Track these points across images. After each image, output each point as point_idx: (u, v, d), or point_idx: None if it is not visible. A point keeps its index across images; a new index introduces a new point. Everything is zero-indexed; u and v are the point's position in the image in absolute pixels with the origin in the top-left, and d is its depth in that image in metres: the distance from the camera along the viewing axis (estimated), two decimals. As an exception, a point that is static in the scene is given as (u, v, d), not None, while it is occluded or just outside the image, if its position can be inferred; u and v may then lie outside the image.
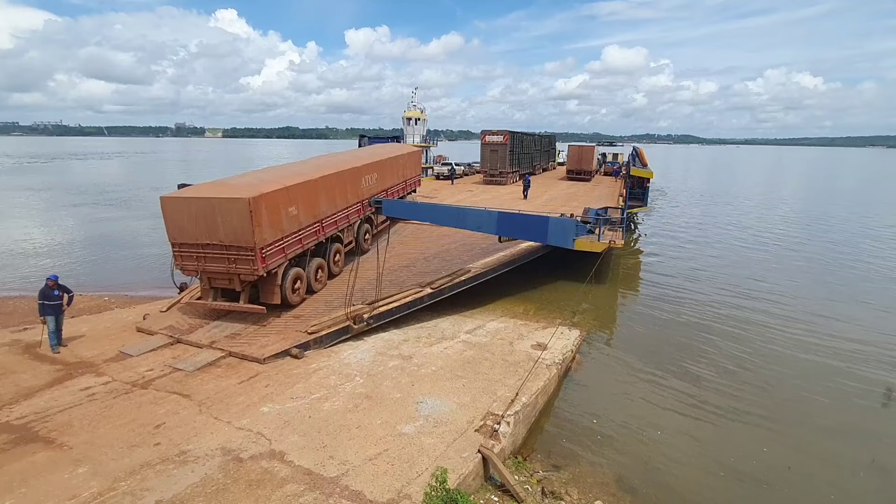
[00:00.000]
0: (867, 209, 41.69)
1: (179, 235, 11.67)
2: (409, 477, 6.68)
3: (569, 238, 15.43)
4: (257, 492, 6.29)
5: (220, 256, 11.49)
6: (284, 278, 12.32)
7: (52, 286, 10.53)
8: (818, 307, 16.17)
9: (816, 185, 68.52)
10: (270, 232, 11.58)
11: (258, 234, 11.10)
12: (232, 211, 10.98)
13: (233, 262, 11.45)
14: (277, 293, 12.19)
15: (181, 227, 11.56)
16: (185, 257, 11.83)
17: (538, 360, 10.61)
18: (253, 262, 11.28)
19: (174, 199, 11.67)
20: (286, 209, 12.19)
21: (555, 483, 7.57)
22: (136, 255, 22.69)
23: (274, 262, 11.82)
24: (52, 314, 10.55)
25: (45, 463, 6.87)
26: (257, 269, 11.34)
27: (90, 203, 38.58)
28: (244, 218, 10.91)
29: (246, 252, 11.25)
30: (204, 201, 11.26)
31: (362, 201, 16.51)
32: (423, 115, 43.19)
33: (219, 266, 11.60)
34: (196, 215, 11.29)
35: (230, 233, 11.16)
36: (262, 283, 11.97)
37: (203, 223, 11.29)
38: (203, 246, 11.51)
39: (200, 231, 11.38)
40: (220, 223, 11.15)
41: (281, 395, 8.86)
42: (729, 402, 10.15)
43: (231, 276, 11.68)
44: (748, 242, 26.81)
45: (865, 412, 10.05)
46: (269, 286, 12.08)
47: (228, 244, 11.29)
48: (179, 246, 11.78)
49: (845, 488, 7.79)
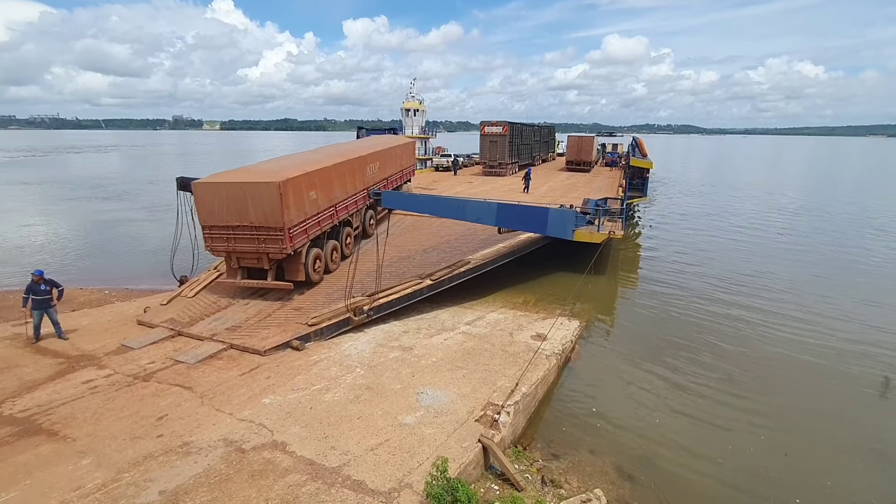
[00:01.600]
0: (869, 200, 41.62)
1: (210, 218, 12.34)
2: (410, 466, 6.74)
3: (568, 229, 15.43)
4: (260, 482, 6.36)
5: (249, 237, 12.26)
6: (307, 257, 13.23)
7: (38, 281, 10.45)
8: (818, 298, 16.20)
9: (818, 175, 68.34)
10: (296, 213, 12.45)
11: (286, 215, 11.93)
12: (263, 194, 11.76)
13: (262, 242, 12.22)
14: (301, 271, 13.06)
15: (212, 211, 12.24)
16: (216, 239, 12.51)
17: (538, 350, 10.66)
18: (282, 242, 12.10)
19: (206, 185, 12.27)
20: (307, 193, 13.06)
21: (554, 472, 7.65)
22: (136, 248, 22.66)
23: (299, 241, 12.67)
24: (40, 309, 10.52)
25: (50, 455, 6.93)
26: (285, 248, 12.17)
27: (88, 197, 38.47)
28: (274, 200, 11.72)
29: (275, 232, 12.05)
30: (235, 186, 11.98)
31: (367, 188, 17.32)
32: (421, 106, 42.94)
33: (248, 246, 12.36)
34: (227, 199, 12.01)
35: (260, 214, 11.96)
36: (287, 261, 12.80)
37: (234, 206, 12.03)
38: (233, 228, 12.24)
39: (231, 214, 12.13)
40: (251, 206, 11.95)
41: (282, 386, 8.91)
42: (727, 390, 10.22)
43: (260, 256, 12.44)
44: (748, 233, 26.79)
45: (863, 401, 10.12)
46: (293, 264, 12.92)
47: (258, 225, 12.07)
48: (210, 228, 12.45)
49: (842, 475, 7.87)
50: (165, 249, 16.34)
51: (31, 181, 49.50)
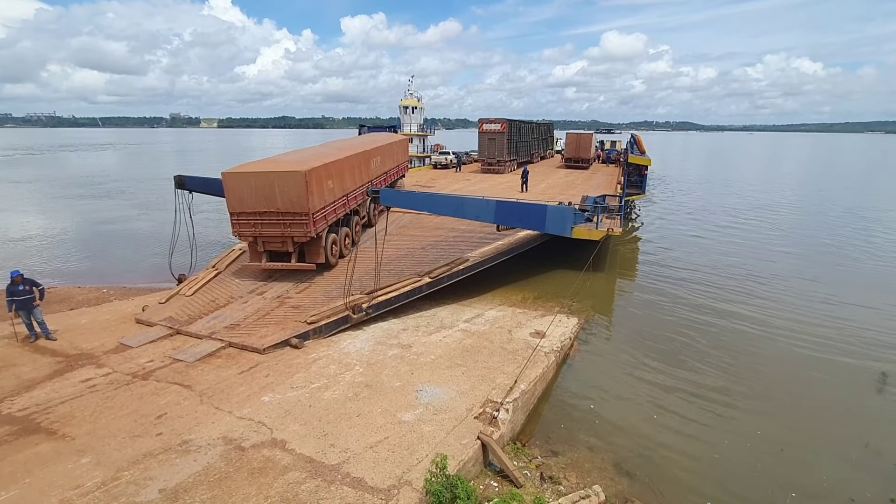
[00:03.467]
0: (869, 196, 41.70)
1: (239, 205, 13.14)
2: (410, 464, 6.76)
3: (567, 226, 15.43)
4: (259, 479, 6.37)
5: (275, 222, 13.18)
6: (326, 241, 14.32)
7: (17, 282, 10.36)
8: (815, 293, 16.26)
9: (816, 172, 68.42)
10: (318, 200, 13.39)
11: (311, 201, 12.91)
12: (289, 182, 12.68)
13: (287, 227, 13.18)
14: (322, 253, 14.12)
15: (241, 199, 13.05)
16: (243, 224, 13.34)
17: (537, 347, 10.68)
18: (306, 226, 13.13)
19: (235, 175, 13.04)
20: (326, 182, 14.06)
21: (553, 468, 7.68)
22: (134, 246, 22.60)
23: (320, 226, 13.68)
24: (23, 309, 10.45)
25: (49, 454, 6.93)
26: (309, 231, 13.19)
27: (86, 195, 38.35)
28: (300, 187, 12.68)
29: (300, 217, 13.02)
30: (263, 175, 12.83)
31: (372, 180, 18.49)
32: (419, 103, 42.87)
33: (274, 230, 13.29)
34: (255, 187, 12.85)
35: (287, 201, 12.86)
36: (308, 245, 13.89)
37: (261, 194, 12.88)
38: (260, 214, 13.12)
39: (258, 201, 12.97)
40: (278, 193, 12.81)
41: (281, 384, 8.92)
42: (724, 386, 10.26)
43: (285, 239, 13.43)
44: (746, 229, 26.85)
45: (860, 396, 10.17)
46: (314, 248, 14.02)
47: (284, 211, 12.99)
48: (238, 215, 13.25)
49: (838, 470, 7.91)
50: (163, 248, 16.32)
51: (30, 180, 49.32)
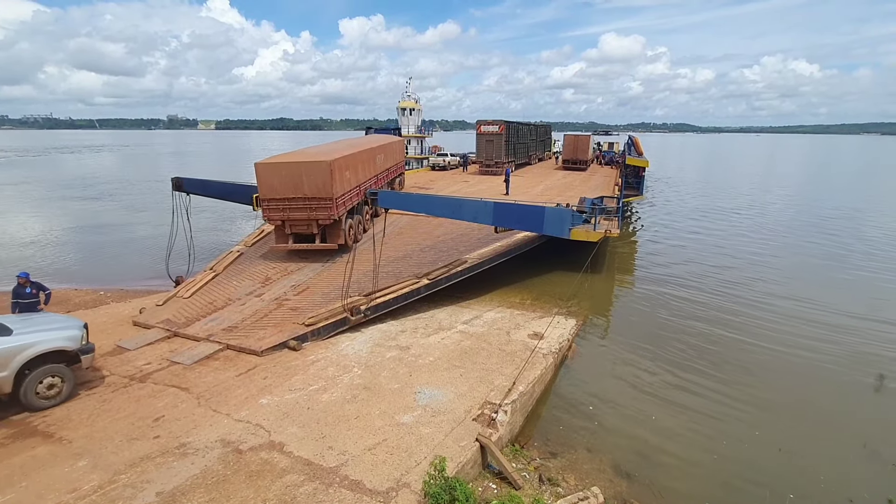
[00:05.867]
0: (869, 196, 41.87)
1: (269, 192, 14.70)
2: (408, 466, 6.75)
3: (565, 228, 15.44)
4: (257, 482, 6.35)
5: (302, 207, 14.81)
6: (345, 224, 15.85)
7: (23, 283, 10.23)
8: (812, 294, 16.28)
9: (812, 174, 68.69)
10: (339, 187, 15.07)
11: (334, 187, 14.61)
12: (316, 171, 14.41)
13: (313, 210, 14.81)
14: (342, 236, 15.70)
15: (272, 187, 14.63)
16: (273, 209, 14.93)
17: (535, 349, 10.68)
18: (330, 209, 14.78)
19: (266, 165, 14.64)
20: (344, 173, 15.68)
21: (552, 470, 7.67)
22: (131, 249, 22.55)
23: (341, 210, 15.26)
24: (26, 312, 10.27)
25: (46, 457, 6.89)
26: (333, 214, 14.83)
27: (83, 198, 38.26)
28: (326, 175, 14.39)
29: (325, 202, 14.66)
30: (292, 165, 14.59)
31: (377, 175, 20.43)
32: (417, 105, 42.91)
33: (300, 214, 14.93)
34: (284, 176, 14.51)
35: (313, 187, 14.52)
36: (330, 228, 15.45)
37: (290, 182, 14.53)
38: (289, 199, 14.75)
39: (287, 188, 14.59)
40: (305, 181, 14.48)
41: (279, 386, 8.90)
42: (722, 387, 10.27)
43: (310, 222, 15.05)
44: (744, 230, 26.94)
45: (857, 397, 10.20)
46: (335, 230, 15.60)
47: (311, 196, 14.63)
48: (268, 201, 14.82)
49: (836, 471, 7.92)
50: (161, 250, 16.28)
51: (27, 181, 49.15)
